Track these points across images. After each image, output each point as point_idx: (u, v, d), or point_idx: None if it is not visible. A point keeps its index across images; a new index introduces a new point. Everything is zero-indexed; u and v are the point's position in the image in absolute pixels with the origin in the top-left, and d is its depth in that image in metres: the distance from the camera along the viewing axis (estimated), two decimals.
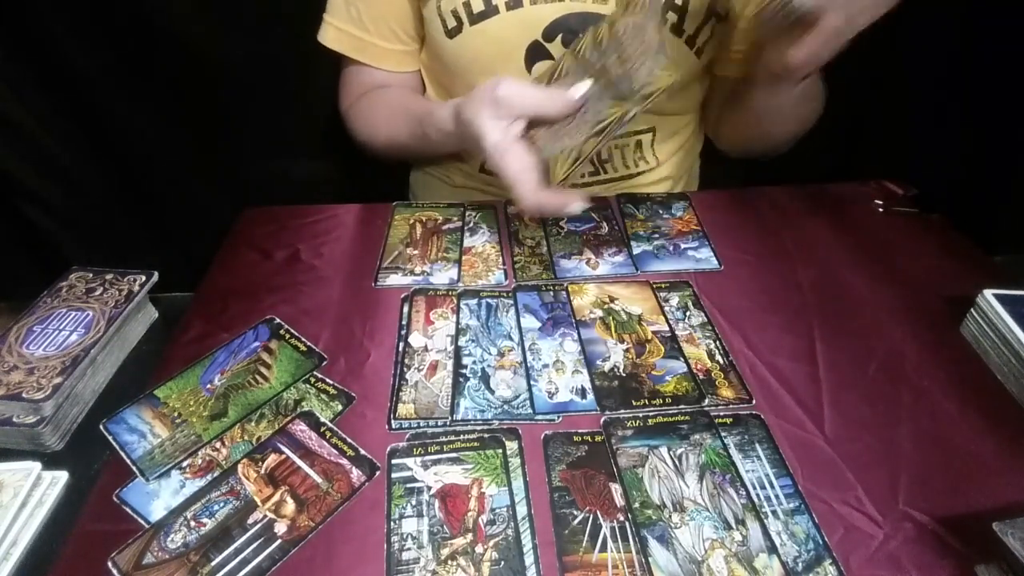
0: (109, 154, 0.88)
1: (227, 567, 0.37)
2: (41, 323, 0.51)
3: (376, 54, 0.72)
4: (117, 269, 0.56)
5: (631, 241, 0.63)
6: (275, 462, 0.43)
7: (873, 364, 0.50)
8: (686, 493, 0.40)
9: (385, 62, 0.72)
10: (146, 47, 0.80)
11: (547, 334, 0.52)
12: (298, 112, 0.90)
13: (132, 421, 0.46)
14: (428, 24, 0.67)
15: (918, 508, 0.39)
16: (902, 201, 0.69)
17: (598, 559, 0.37)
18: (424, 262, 0.61)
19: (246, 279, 0.59)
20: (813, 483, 0.41)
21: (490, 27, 0.63)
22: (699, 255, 0.61)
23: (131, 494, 0.41)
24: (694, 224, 0.66)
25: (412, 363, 0.50)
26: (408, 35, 0.71)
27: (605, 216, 0.67)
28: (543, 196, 0.50)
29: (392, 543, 0.38)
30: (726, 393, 0.47)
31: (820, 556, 0.37)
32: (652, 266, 0.60)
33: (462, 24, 0.64)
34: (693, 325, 0.53)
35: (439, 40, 0.67)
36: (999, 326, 0.48)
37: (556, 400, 0.47)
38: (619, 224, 0.66)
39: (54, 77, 0.79)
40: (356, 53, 0.72)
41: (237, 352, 0.51)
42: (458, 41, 0.65)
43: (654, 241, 0.63)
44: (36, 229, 0.90)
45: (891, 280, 0.58)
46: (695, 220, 0.67)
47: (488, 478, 0.41)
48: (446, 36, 0.65)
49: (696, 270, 0.59)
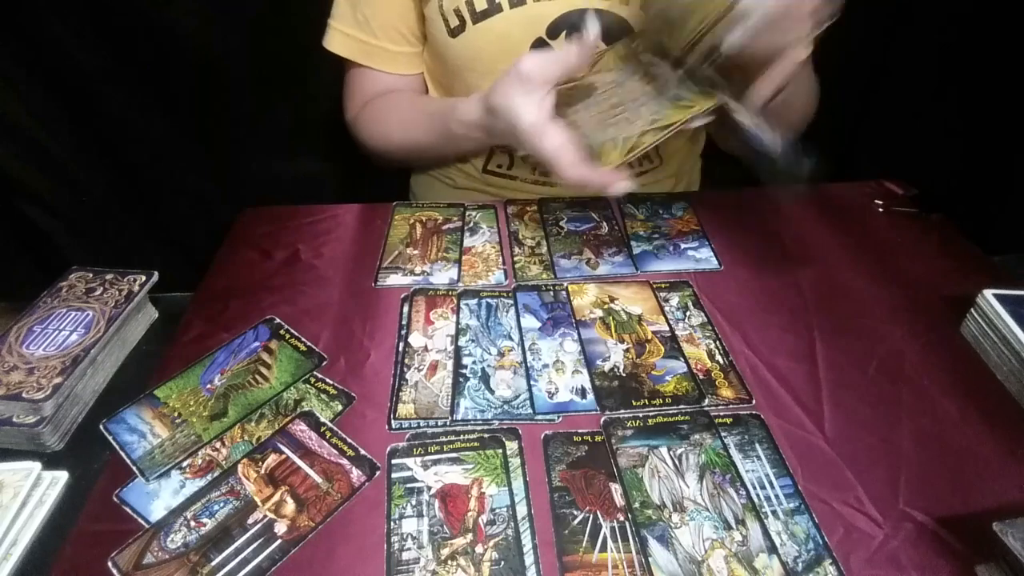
0: (109, 154, 0.88)
1: (227, 567, 0.37)
2: (41, 323, 0.51)
3: (385, 58, 0.71)
4: (117, 269, 0.56)
5: (631, 241, 0.63)
6: (275, 462, 0.43)
7: (873, 364, 0.50)
8: (686, 493, 0.40)
9: (393, 66, 0.72)
10: (147, 47, 0.80)
11: (547, 334, 0.52)
12: (298, 112, 0.90)
13: (132, 421, 0.46)
14: (430, 24, 0.67)
15: (918, 508, 0.39)
16: (902, 201, 0.69)
17: (598, 559, 0.37)
18: (424, 262, 0.61)
19: (246, 279, 0.59)
20: (813, 483, 0.41)
21: (494, 25, 0.63)
22: (699, 255, 0.62)
23: (131, 494, 0.41)
24: (694, 224, 0.66)
25: (412, 363, 0.50)
26: (415, 36, 0.71)
27: (605, 216, 0.67)
28: (585, 172, 0.50)
29: (392, 543, 0.38)
30: (726, 393, 0.47)
31: (820, 556, 0.37)
32: (652, 266, 0.60)
33: (465, 23, 0.64)
34: (693, 325, 0.53)
35: (441, 40, 0.66)
36: (999, 326, 0.48)
37: (556, 400, 0.47)
38: (619, 224, 0.66)
39: (54, 77, 0.79)
40: (364, 58, 0.71)
41: (237, 352, 0.51)
42: (461, 40, 0.65)
43: (654, 241, 0.63)
44: (36, 229, 0.90)
45: (891, 280, 0.58)
46: (695, 220, 0.67)
47: (488, 478, 0.41)
48: (449, 35, 0.65)
49: (696, 270, 0.60)
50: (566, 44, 0.50)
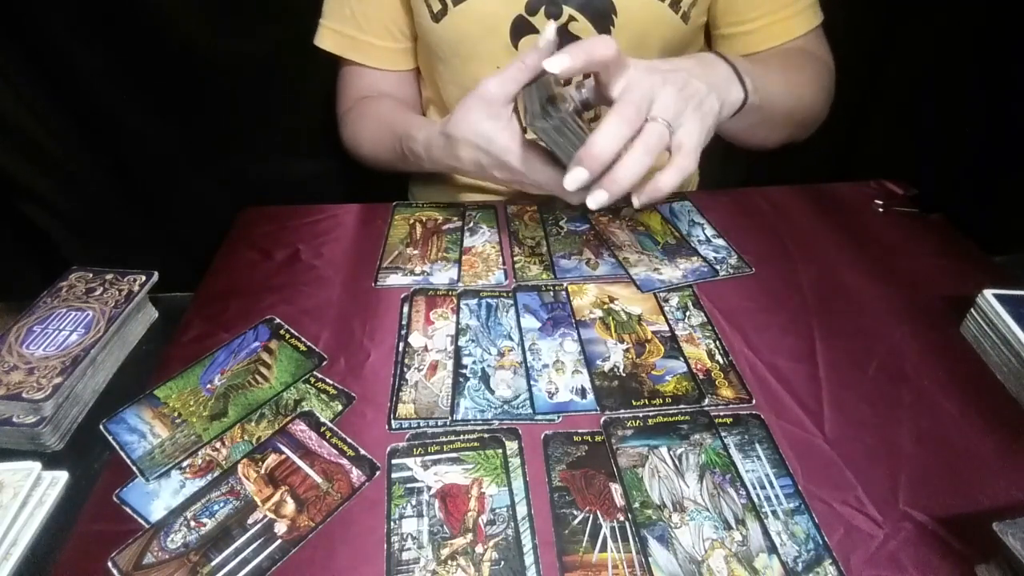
0: (109, 154, 0.87)
1: (227, 567, 0.37)
2: (41, 323, 0.51)
3: (371, 53, 0.72)
4: (117, 269, 0.56)
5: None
6: (275, 462, 0.43)
7: (873, 364, 0.50)
8: (686, 493, 0.40)
9: (379, 61, 0.73)
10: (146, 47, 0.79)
11: (547, 334, 0.52)
12: (298, 112, 0.90)
13: (132, 421, 0.46)
14: (415, 12, 0.67)
15: (918, 508, 0.39)
16: (902, 201, 0.69)
17: (598, 559, 0.37)
18: (424, 262, 0.61)
19: (246, 279, 0.59)
20: (813, 483, 0.41)
21: (474, 5, 0.64)
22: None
23: (131, 494, 0.41)
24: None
25: (412, 363, 0.50)
26: (402, 32, 0.71)
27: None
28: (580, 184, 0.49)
29: (392, 543, 0.38)
30: (726, 393, 0.47)
31: (820, 556, 0.37)
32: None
33: (447, 6, 0.64)
34: (693, 325, 0.53)
35: (426, 26, 0.67)
36: (999, 326, 0.48)
37: (556, 400, 0.47)
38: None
39: (54, 77, 0.79)
40: (351, 52, 0.72)
41: (237, 352, 0.51)
42: (444, 24, 0.65)
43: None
44: (36, 229, 0.90)
45: (891, 280, 0.58)
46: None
47: (488, 478, 0.41)
48: (432, 20, 0.66)
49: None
50: (520, 56, 0.50)
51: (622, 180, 0.45)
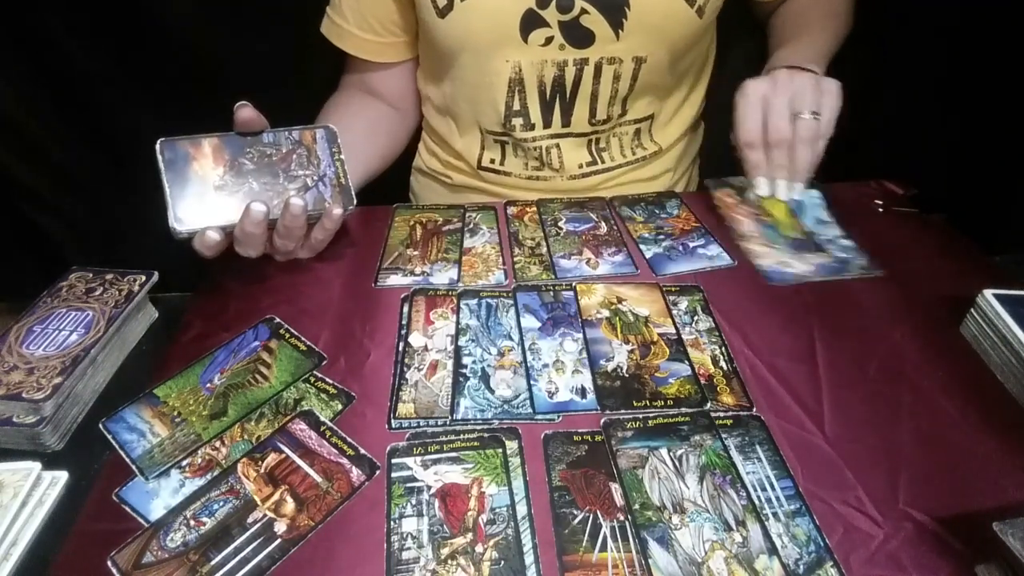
0: (109, 154, 0.87)
1: (227, 566, 0.37)
2: (41, 323, 0.51)
3: (352, 43, 0.73)
4: (117, 269, 0.56)
5: (640, 245, 0.63)
6: (275, 461, 0.43)
7: (873, 364, 0.50)
8: (686, 494, 0.40)
9: (359, 51, 0.73)
10: (147, 47, 0.80)
11: (547, 334, 0.52)
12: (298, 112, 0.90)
13: (132, 420, 0.46)
14: (418, 7, 0.66)
15: (918, 508, 0.39)
16: (902, 201, 0.69)
17: (598, 559, 0.37)
18: (424, 263, 0.61)
19: (246, 279, 0.59)
20: (813, 483, 0.41)
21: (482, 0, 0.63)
22: (710, 252, 0.61)
23: (131, 493, 0.41)
24: (693, 221, 0.66)
25: (412, 363, 0.50)
26: (383, 26, 0.71)
27: (603, 216, 0.67)
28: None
29: (392, 542, 0.38)
30: (727, 399, 0.47)
31: (821, 558, 0.37)
32: (668, 269, 0.60)
33: (452, 1, 0.63)
34: (700, 330, 0.53)
35: (431, 22, 0.66)
36: (999, 326, 0.48)
37: (556, 400, 0.47)
38: (617, 224, 0.66)
39: (54, 77, 0.79)
40: (337, 40, 0.73)
41: (237, 351, 0.51)
42: (450, 19, 0.64)
43: (662, 243, 0.63)
44: (36, 229, 0.90)
45: (891, 280, 0.58)
46: (693, 217, 0.67)
47: (488, 478, 0.41)
48: (438, 16, 0.65)
49: (712, 268, 0.60)
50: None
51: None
